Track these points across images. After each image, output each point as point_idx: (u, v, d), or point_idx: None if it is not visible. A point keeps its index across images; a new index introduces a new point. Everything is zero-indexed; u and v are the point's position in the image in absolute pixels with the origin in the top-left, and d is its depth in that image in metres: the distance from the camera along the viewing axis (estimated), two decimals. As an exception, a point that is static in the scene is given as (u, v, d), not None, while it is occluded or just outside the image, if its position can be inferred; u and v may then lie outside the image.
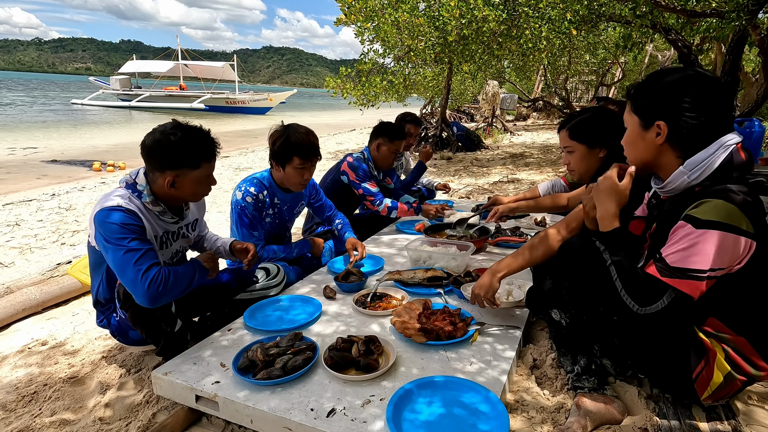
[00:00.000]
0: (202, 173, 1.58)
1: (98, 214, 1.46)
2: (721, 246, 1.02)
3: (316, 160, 2.17)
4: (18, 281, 2.52)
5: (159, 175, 1.54)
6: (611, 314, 1.26)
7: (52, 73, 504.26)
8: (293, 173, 2.13)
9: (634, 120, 1.21)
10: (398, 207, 3.00)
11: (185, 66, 33.69)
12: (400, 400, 1.26)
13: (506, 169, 6.81)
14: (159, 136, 1.51)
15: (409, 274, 2.09)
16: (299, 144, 2.07)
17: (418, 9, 6.52)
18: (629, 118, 1.23)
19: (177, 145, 1.50)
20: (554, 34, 6.11)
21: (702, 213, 1.04)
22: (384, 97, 8.11)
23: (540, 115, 19.18)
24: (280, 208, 2.31)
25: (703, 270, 1.04)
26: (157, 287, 1.41)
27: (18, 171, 7.60)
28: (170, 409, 1.50)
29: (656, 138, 1.15)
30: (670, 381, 1.26)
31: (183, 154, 1.52)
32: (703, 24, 5.47)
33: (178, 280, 1.48)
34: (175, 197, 1.61)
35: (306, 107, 41.60)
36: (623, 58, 14.26)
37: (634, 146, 1.22)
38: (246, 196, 2.13)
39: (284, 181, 2.21)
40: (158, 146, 1.50)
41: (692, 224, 1.04)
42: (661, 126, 1.13)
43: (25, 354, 1.98)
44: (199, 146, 1.55)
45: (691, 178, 1.10)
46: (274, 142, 2.11)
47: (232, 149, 10.90)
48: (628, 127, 1.23)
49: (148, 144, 1.52)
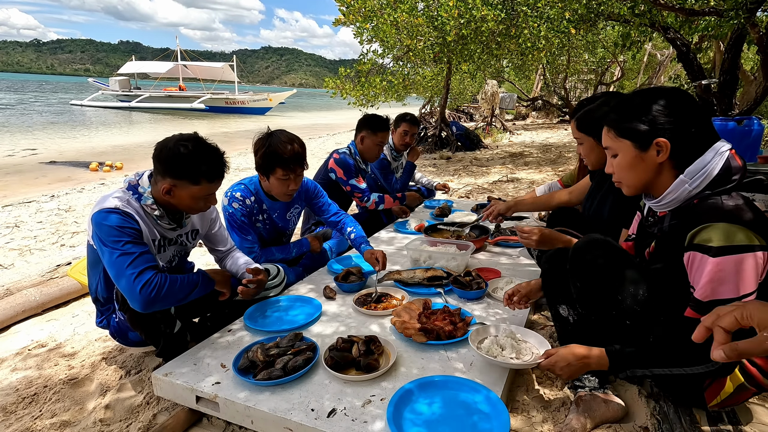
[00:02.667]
0: (201, 191, 1.56)
1: (95, 216, 1.47)
2: (745, 269, 1.00)
3: (302, 170, 2.08)
4: (17, 283, 2.51)
5: (159, 179, 1.54)
6: (623, 318, 1.25)
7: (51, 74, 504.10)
8: (278, 184, 2.05)
9: (625, 145, 1.16)
10: (385, 200, 3.04)
11: (184, 67, 33.63)
12: (400, 400, 1.26)
13: (506, 169, 6.81)
14: (172, 143, 1.52)
15: (409, 274, 2.09)
16: (281, 155, 1.98)
17: (416, 9, 6.52)
18: (617, 145, 1.18)
19: (184, 156, 1.50)
20: (553, 33, 6.11)
21: (714, 240, 1.01)
22: (383, 97, 8.10)
23: (539, 115, 19.19)
24: (270, 214, 2.24)
25: (734, 298, 1.01)
26: (150, 292, 1.39)
27: (17, 172, 7.59)
28: (171, 410, 1.50)
29: (657, 156, 1.12)
30: (677, 387, 1.26)
31: (186, 166, 1.51)
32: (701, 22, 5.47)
33: (174, 287, 1.46)
34: (170, 205, 1.60)
35: (305, 107, 41.59)
36: (622, 57, 14.28)
37: (633, 170, 1.17)
38: (232, 202, 2.08)
39: (271, 190, 2.14)
40: (166, 152, 1.51)
41: (708, 254, 1.02)
42: (662, 143, 1.10)
43: (24, 356, 1.98)
44: (205, 164, 1.54)
45: (692, 186, 1.09)
46: (256, 152, 2.05)
47: (232, 150, 10.89)
48: (620, 154, 1.18)
49: (158, 146, 1.53)
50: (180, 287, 1.49)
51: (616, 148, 1.19)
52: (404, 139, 3.46)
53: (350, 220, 2.35)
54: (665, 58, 14.43)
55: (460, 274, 2.05)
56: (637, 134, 1.13)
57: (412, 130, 3.46)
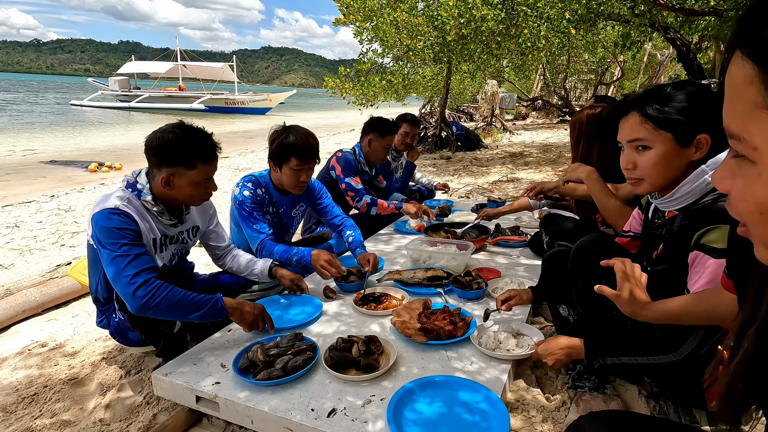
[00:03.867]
0: (199, 175, 1.56)
1: (95, 216, 1.48)
2: None
3: (314, 163, 2.13)
4: (17, 283, 2.51)
5: (156, 173, 1.55)
6: (623, 318, 1.24)
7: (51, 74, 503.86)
8: (290, 174, 2.10)
9: (665, 138, 1.09)
10: (378, 204, 2.94)
11: (184, 67, 33.62)
12: (400, 400, 1.26)
13: (506, 169, 6.81)
14: (159, 133, 1.53)
15: (409, 274, 2.09)
16: (297, 145, 2.05)
17: (416, 8, 6.53)
18: (654, 137, 1.11)
19: (173, 142, 1.51)
20: (553, 33, 6.11)
21: (719, 242, 1.00)
22: (383, 97, 8.11)
23: (539, 115, 19.18)
24: (278, 209, 2.29)
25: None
26: (142, 297, 1.37)
27: (17, 172, 7.59)
28: (171, 410, 1.50)
29: (695, 153, 1.09)
30: (678, 387, 1.25)
31: (177, 151, 1.52)
32: (701, 22, 5.47)
33: (174, 299, 1.42)
34: (171, 197, 1.60)
35: (305, 107, 41.59)
36: (622, 57, 14.27)
37: (666, 166, 1.11)
38: (243, 191, 2.13)
39: (281, 182, 2.18)
40: (156, 142, 1.52)
41: (711, 255, 1.01)
42: (703, 140, 1.07)
43: (24, 355, 1.98)
44: (196, 146, 1.54)
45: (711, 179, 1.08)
46: (272, 142, 2.10)
47: (232, 150, 10.88)
48: (655, 147, 1.11)
49: (148, 140, 1.54)
50: (180, 301, 1.43)
51: (652, 140, 1.11)
52: (404, 140, 3.46)
53: (351, 224, 2.39)
54: (665, 58, 14.42)
55: (460, 274, 2.05)
56: (681, 128, 1.08)
57: (412, 131, 3.46)
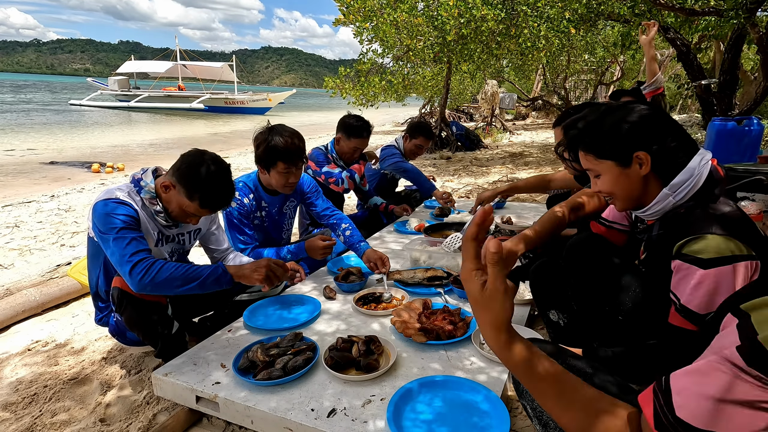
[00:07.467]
0: (189, 207, 1.60)
1: (95, 206, 1.52)
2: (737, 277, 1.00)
3: (302, 164, 2.11)
4: (17, 283, 2.52)
5: (167, 174, 1.61)
6: (615, 314, 1.26)
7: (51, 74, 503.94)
8: (278, 177, 2.07)
9: (606, 165, 1.16)
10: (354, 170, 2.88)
11: (184, 66, 33.62)
12: (400, 400, 1.26)
13: (506, 169, 6.81)
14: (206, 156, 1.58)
15: (409, 274, 2.09)
16: (283, 148, 2.01)
17: (416, 9, 6.53)
18: (599, 167, 1.17)
19: (200, 172, 1.54)
20: (553, 33, 6.11)
21: (704, 252, 1.01)
22: (383, 97, 8.11)
23: (539, 115, 19.19)
24: (269, 210, 2.27)
25: None
26: (138, 273, 1.41)
27: (17, 172, 7.59)
28: (171, 410, 1.50)
29: (640, 169, 1.13)
30: None
31: (194, 180, 1.55)
32: (701, 22, 5.48)
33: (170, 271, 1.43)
34: (164, 200, 1.63)
35: (305, 107, 41.60)
36: (622, 57, 14.27)
37: (620, 186, 1.17)
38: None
39: (270, 184, 2.16)
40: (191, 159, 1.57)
41: (698, 265, 1.02)
42: (642, 156, 1.11)
43: (25, 355, 1.98)
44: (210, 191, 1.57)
45: (677, 199, 1.10)
46: (258, 146, 2.07)
47: (231, 149, 10.89)
48: (603, 175, 1.18)
49: (193, 152, 1.60)
50: (177, 271, 1.44)
51: (599, 169, 1.18)
52: (417, 151, 3.46)
53: (344, 218, 2.33)
54: (665, 58, 14.40)
55: (460, 274, 2.05)
56: (617, 152, 1.13)
57: (426, 144, 3.47)
